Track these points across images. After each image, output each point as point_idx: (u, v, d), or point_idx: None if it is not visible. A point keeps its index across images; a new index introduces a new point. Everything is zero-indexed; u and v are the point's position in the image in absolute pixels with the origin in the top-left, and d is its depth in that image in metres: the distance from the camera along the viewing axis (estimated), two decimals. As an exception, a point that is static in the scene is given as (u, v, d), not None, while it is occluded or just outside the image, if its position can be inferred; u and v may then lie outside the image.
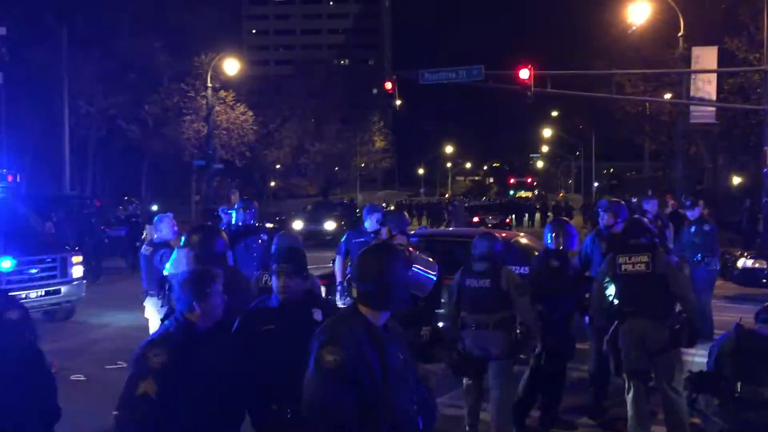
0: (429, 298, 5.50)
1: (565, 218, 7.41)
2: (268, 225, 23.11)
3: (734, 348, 4.26)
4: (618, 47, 27.52)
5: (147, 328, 8.14)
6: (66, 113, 25.96)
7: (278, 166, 49.25)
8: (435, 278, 5.16)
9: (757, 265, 11.59)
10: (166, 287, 6.80)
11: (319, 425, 2.63)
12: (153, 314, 6.64)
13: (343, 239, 7.43)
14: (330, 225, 26.43)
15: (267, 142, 43.29)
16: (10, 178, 15.96)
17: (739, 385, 4.32)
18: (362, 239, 7.10)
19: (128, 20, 31.95)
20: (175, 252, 5.05)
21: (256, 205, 7.78)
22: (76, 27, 27.69)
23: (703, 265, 9.04)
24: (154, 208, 32.44)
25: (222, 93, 34.00)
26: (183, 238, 4.66)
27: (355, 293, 2.80)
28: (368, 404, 2.64)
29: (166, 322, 3.36)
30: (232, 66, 30.78)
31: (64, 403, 3.66)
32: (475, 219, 30.28)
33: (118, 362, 8.17)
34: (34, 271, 10.59)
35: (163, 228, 6.82)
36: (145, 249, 6.89)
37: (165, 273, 5.49)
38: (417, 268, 4.94)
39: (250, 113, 36.34)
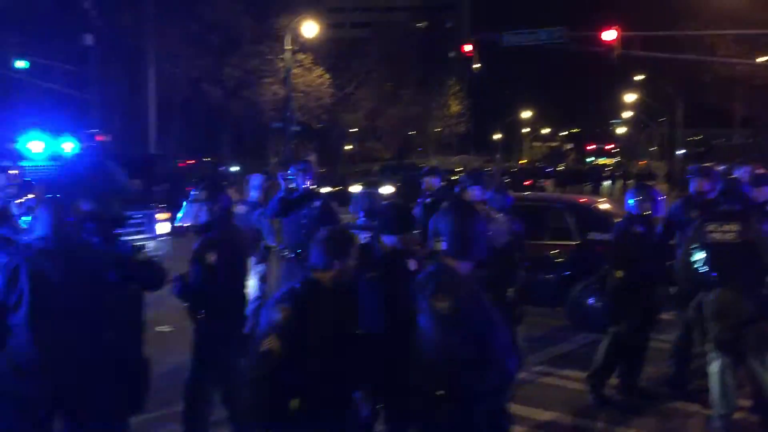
0: (511, 260, 5.51)
1: (649, 183, 7.17)
2: (326, 189, 23.20)
3: None
4: (710, 7, 26.14)
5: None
6: (152, 75, 26.73)
7: (354, 130, 49.43)
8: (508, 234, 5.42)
9: None
10: (261, 245, 7.05)
11: (439, 370, 2.89)
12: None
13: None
14: (386, 189, 25.69)
15: (343, 105, 43.44)
16: (99, 138, 16.66)
17: None
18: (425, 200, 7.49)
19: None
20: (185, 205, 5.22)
21: (312, 168, 7.18)
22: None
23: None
24: (234, 169, 33.25)
25: (300, 56, 34.23)
26: (192, 193, 4.88)
27: (439, 246, 3.07)
28: (480, 345, 2.91)
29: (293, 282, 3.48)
30: (310, 28, 30.89)
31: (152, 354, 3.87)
32: (526, 183, 30.94)
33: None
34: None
35: (256, 187, 7.03)
36: (239, 209, 6.96)
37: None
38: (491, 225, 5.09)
39: (327, 76, 36.49)
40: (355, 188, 25.81)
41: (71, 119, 22.83)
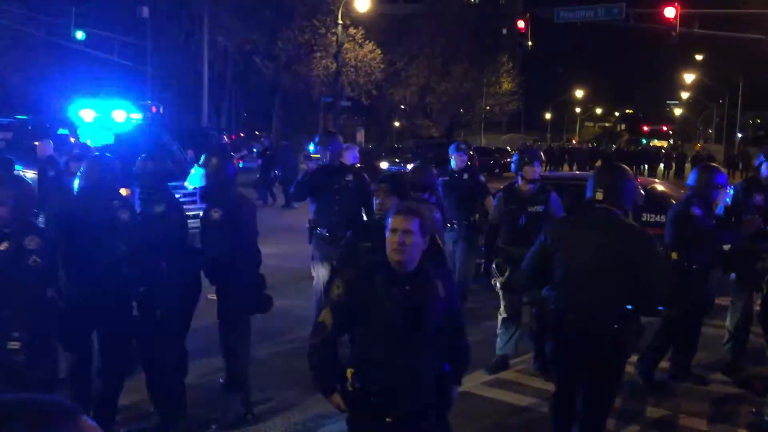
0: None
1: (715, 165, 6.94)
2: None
3: None
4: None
5: (282, 256, 8.44)
6: (205, 48, 27.05)
7: (403, 107, 49.22)
8: None
9: None
10: None
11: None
12: None
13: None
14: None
15: (394, 81, 43.25)
16: (153, 109, 16.99)
17: None
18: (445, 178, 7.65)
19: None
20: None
21: (338, 142, 6.64)
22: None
23: None
24: (285, 143, 33.53)
25: (351, 30, 34.16)
26: (202, 159, 5.39)
27: (600, 196, 3.94)
28: None
29: None
30: (362, 3, 30.76)
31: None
32: None
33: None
34: (176, 196, 11.21)
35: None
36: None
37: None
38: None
39: (378, 51, 36.36)
40: (384, 164, 25.77)
41: (126, 89, 23.33)
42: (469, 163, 8.03)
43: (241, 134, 27.56)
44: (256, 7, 31.78)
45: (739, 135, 52.53)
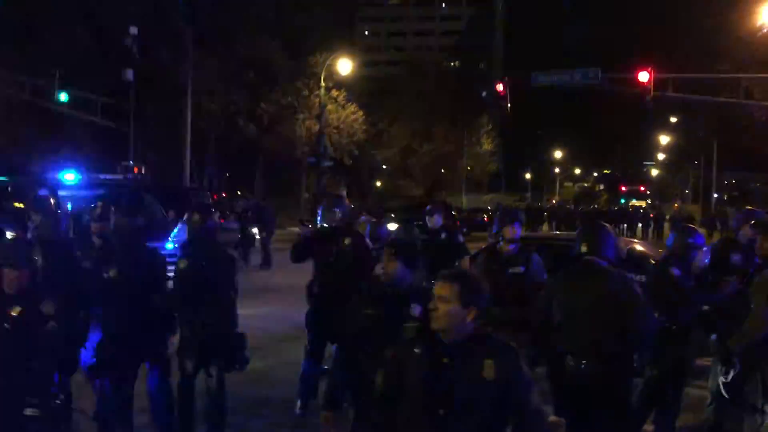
0: None
1: (692, 225, 7.01)
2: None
3: None
4: (746, 49, 25.97)
5: (262, 318, 8.36)
6: (189, 110, 27.30)
7: (385, 167, 49.76)
8: None
9: None
10: None
11: None
12: None
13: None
14: (391, 226, 25.13)
15: (376, 142, 43.82)
16: (136, 170, 17.03)
17: None
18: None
19: (248, 21, 33.23)
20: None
21: (344, 204, 6.73)
22: (199, 28, 29.12)
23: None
24: (262, 203, 33.58)
25: (334, 92, 34.74)
26: (186, 216, 5.89)
27: (585, 248, 4.44)
28: None
29: None
30: (345, 66, 31.37)
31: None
32: None
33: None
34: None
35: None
36: None
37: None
38: None
39: (361, 113, 36.95)
40: (391, 226, 25.57)
41: (109, 151, 23.37)
42: (450, 223, 8.08)
43: (224, 194, 27.61)
44: (238, 70, 32.28)
45: (715, 195, 53.44)
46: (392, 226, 8.48)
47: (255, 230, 21.16)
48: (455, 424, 2.76)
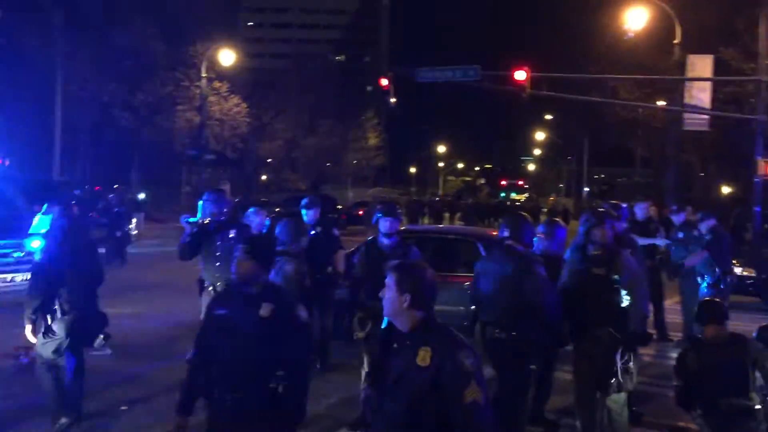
0: None
1: (557, 219, 7.35)
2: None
3: (696, 365, 4.67)
4: (614, 52, 27.58)
5: (140, 317, 8.02)
6: (59, 98, 25.80)
7: (270, 160, 49.10)
8: None
9: (745, 273, 11.63)
10: None
11: None
12: None
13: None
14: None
15: (260, 135, 43.14)
16: (0, 161, 15.89)
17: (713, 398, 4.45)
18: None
19: (124, 6, 31.78)
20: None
21: (225, 198, 6.82)
22: (71, 11, 27.55)
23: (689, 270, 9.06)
24: (141, 196, 32.27)
25: (216, 84, 33.86)
26: (46, 208, 6.21)
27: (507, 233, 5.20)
28: None
29: None
30: (227, 57, 30.63)
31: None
32: None
33: (106, 350, 8.12)
34: (19, 254, 10.48)
35: (253, 220, 7.02)
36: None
37: None
38: None
39: (244, 105, 36.22)
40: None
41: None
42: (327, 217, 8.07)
43: (96, 188, 26.22)
44: (113, 57, 30.77)
45: (586, 189, 56.47)
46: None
47: (133, 225, 20.27)
48: (389, 404, 2.88)
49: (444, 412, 2.81)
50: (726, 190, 32.20)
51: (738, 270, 11.92)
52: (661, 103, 25.10)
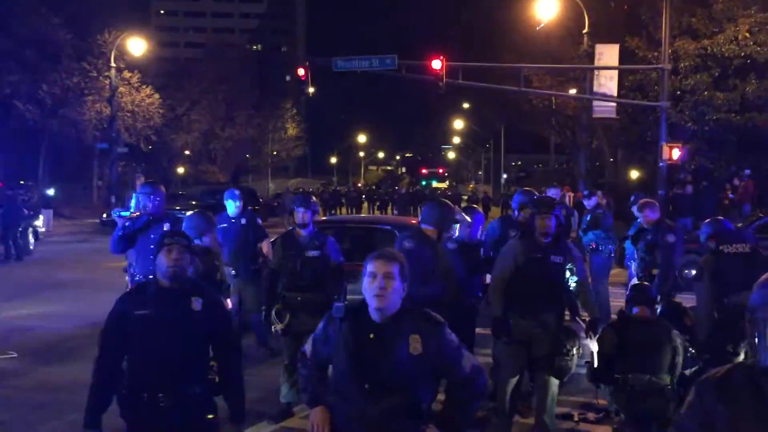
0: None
1: (474, 206, 7.49)
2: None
3: (615, 340, 4.87)
4: (526, 42, 28.21)
5: (43, 317, 7.70)
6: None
7: (187, 152, 47.91)
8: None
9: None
10: None
11: None
12: None
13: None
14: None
15: (175, 126, 41.99)
16: None
17: (626, 374, 4.68)
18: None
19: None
20: None
21: (159, 190, 6.60)
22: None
23: (598, 252, 9.42)
24: (50, 192, 30.94)
25: (127, 74, 32.70)
26: None
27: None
28: None
29: None
30: (137, 46, 29.67)
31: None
32: None
33: (10, 352, 7.77)
34: None
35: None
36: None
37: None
38: None
39: (157, 96, 35.11)
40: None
41: None
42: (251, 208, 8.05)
43: (-1, 183, 24.92)
44: (14, 47, 29.21)
45: (504, 176, 57.76)
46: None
47: (39, 221, 19.46)
48: (385, 397, 2.83)
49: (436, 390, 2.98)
50: (635, 174, 33.54)
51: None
52: (572, 91, 25.87)
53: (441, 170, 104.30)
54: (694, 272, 6.61)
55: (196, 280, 3.77)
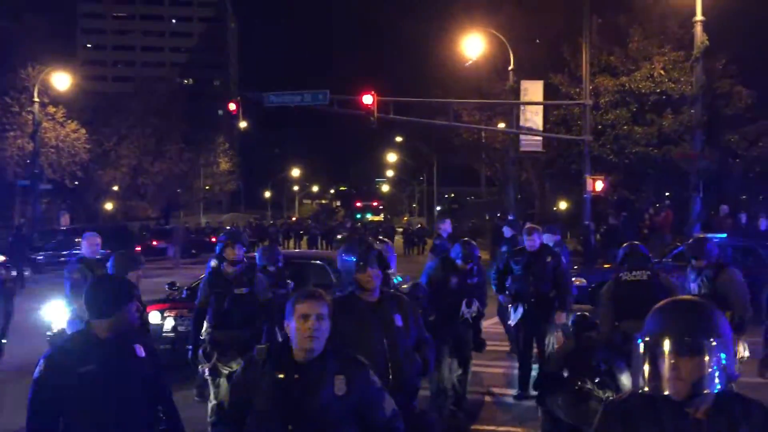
0: None
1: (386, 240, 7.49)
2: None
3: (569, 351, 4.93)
4: (455, 78, 28.87)
5: None
6: None
7: (115, 188, 46.73)
8: None
9: (577, 283, 12.48)
10: None
11: None
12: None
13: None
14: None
15: (102, 162, 40.98)
16: None
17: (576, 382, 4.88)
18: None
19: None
20: None
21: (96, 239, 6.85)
22: None
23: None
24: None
25: (51, 108, 31.84)
26: None
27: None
28: None
29: None
30: (62, 80, 28.95)
31: None
32: None
33: None
34: None
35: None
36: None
37: None
38: None
39: (83, 131, 34.26)
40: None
41: None
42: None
43: None
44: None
45: (438, 208, 58.48)
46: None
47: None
48: None
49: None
50: (564, 205, 34.48)
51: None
52: (500, 125, 26.55)
53: (375, 203, 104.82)
54: None
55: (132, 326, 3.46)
